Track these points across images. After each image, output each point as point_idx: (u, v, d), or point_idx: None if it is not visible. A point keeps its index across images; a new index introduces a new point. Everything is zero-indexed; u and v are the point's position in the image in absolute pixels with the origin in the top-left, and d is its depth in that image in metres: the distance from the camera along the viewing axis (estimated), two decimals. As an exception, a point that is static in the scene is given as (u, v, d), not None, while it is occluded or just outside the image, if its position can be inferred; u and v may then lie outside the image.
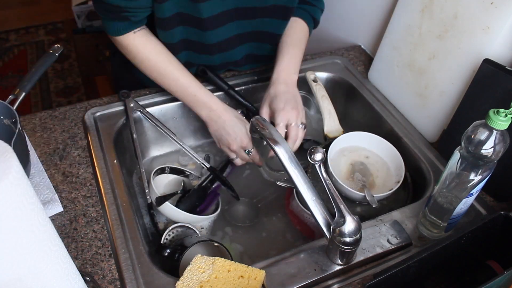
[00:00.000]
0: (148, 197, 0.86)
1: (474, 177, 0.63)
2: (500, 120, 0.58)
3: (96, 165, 0.83)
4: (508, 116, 0.58)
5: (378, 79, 1.06)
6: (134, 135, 0.91)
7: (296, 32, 0.97)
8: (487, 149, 0.60)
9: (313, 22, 1.01)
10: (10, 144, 0.44)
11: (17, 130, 0.70)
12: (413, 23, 0.93)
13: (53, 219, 0.74)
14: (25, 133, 0.82)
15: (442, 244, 0.65)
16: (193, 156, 0.93)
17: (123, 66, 1.05)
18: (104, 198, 0.78)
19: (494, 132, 0.59)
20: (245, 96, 1.00)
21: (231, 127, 0.88)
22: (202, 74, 0.99)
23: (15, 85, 0.79)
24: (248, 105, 0.99)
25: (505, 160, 0.62)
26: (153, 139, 1.01)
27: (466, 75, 0.83)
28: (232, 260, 0.75)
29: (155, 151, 1.04)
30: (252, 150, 0.89)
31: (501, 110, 0.58)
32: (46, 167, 0.83)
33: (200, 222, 0.88)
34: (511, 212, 0.70)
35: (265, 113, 0.88)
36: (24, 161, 0.76)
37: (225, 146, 0.90)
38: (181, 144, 0.93)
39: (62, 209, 0.76)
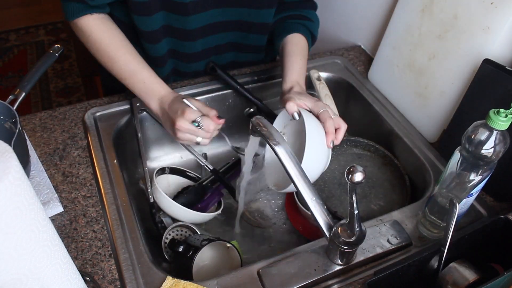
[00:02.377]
0: (150, 196, 0.86)
1: (474, 177, 0.63)
2: (501, 120, 0.58)
3: (96, 165, 0.83)
4: (509, 116, 0.58)
5: (378, 79, 1.06)
6: (139, 135, 0.92)
7: (299, 43, 0.93)
8: (487, 149, 0.60)
9: (311, 38, 0.98)
10: (10, 144, 0.44)
11: (17, 130, 0.70)
12: (413, 23, 0.93)
13: (53, 219, 0.74)
14: (25, 133, 0.82)
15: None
16: (197, 157, 0.93)
17: None
18: (104, 198, 0.78)
19: (495, 132, 0.59)
20: (254, 94, 1.01)
21: (174, 103, 0.79)
22: (211, 71, 1.00)
23: (15, 85, 0.79)
24: (258, 102, 0.99)
25: (505, 160, 0.62)
26: (153, 140, 1.01)
27: (466, 75, 0.83)
28: (241, 261, 0.75)
29: (155, 152, 1.03)
30: (200, 120, 0.77)
31: (502, 110, 0.58)
32: (46, 167, 0.83)
33: (196, 219, 0.86)
34: (511, 212, 0.70)
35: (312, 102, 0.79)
36: (24, 161, 0.76)
37: (172, 128, 0.79)
38: (186, 146, 0.93)
39: (62, 209, 0.76)
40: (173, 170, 0.95)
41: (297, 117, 0.76)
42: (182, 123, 0.76)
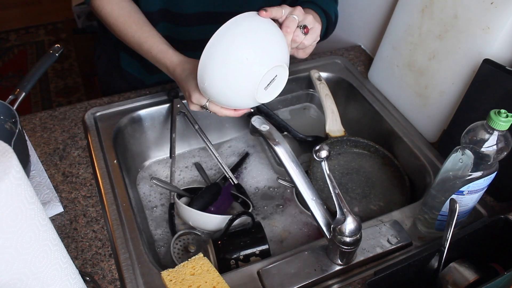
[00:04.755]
0: (172, 197, 0.87)
1: (471, 176, 0.63)
2: (501, 120, 0.58)
3: (96, 165, 0.83)
4: (509, 117, 0.58)
5: (378, 79, 1.06)
6: (174, 135, 0.93)
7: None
8: (487, 147, 0.60)
9: (324, 16, 0.86)
10: (10, 144, 0.44)
11: (17, 130, 0.70)
12: (413, 23, 0.93)
13: (53, 219, 0.74)
14: (25, 133, 0.82)
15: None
16: (223, 168, 0.93)
17: (111, 68, 1.05)
18: (104, 198, 0.78)
19: (495, 132, 0.59)
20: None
21: (181, 82, 0.79)
22: None
23: (15, 85, 0.79)
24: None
25: (505, 160, 0.62)
26: (153, 140, 1.01)
27: (466, 75, 0.83)
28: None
29: (155, 152, 1.03)
30: (207, 103, 0.75)
31: (502, 110, 0.58)
32: (46, 167, 0.83)
33: (216, 222, 0.83)
34: (511, 212, 0.70)
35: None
36: (24, 161, 0.76)
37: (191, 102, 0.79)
38: (214, 152, 0.93)
39: (62, 210, 0.76)
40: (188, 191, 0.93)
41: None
42: (193, 106, 0.77)
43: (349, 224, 0.62)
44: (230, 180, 0.93)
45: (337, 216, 0.63)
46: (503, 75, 0.74)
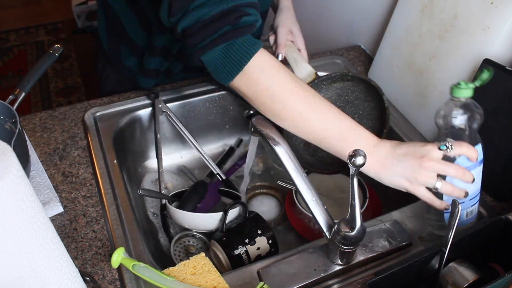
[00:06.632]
0: (164, 201, 0.87)
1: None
2: (461, 88, 0.63)
3: (96, 165, 0.83)
4: (469, 84, 0.63)
5: (378, 79, 1.05)
6: (158, 136, 0.92)
7: None
8: (458, 121, 0.63)
9: None
10: (10, 144, 0.44)
11: (17, 130, 0.70)
12: (413, 23, 0.93)
13: (53, 219, 0.74)
14: (25, 133, 0.82)
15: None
16: (211, 165, 0.92)
17: (114, 76, 1.04)
18: (104, 198, 0.78)
19: (461, 100, 0.64)
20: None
21: (403, 144, 0.66)
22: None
23: (15, 85, 0.79)
24: None
25: (505, 160, 0.62)
26: (153, 140, 1.01)
27: (466, 75, 0.83)
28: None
29: (155, 152, 1.03)
30: (451, 144, 0.64)
31: (461, 81, 0.64)
32: (46, 167, 0.83)
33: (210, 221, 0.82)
34: (511, 212, 0.70)
35: (284, 34, 0.88)
36: (24, 161, 0.76)
37: (425, 170, 0.63)
38: (200, 151, 0.93)
39: (62, 210, 0.76)
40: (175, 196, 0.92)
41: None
42: (433, 153, 0.63)
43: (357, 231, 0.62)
44: (217, 176, 0.92)
45: (347, 216, 0.62)
46: (503, 75, 0.74)
